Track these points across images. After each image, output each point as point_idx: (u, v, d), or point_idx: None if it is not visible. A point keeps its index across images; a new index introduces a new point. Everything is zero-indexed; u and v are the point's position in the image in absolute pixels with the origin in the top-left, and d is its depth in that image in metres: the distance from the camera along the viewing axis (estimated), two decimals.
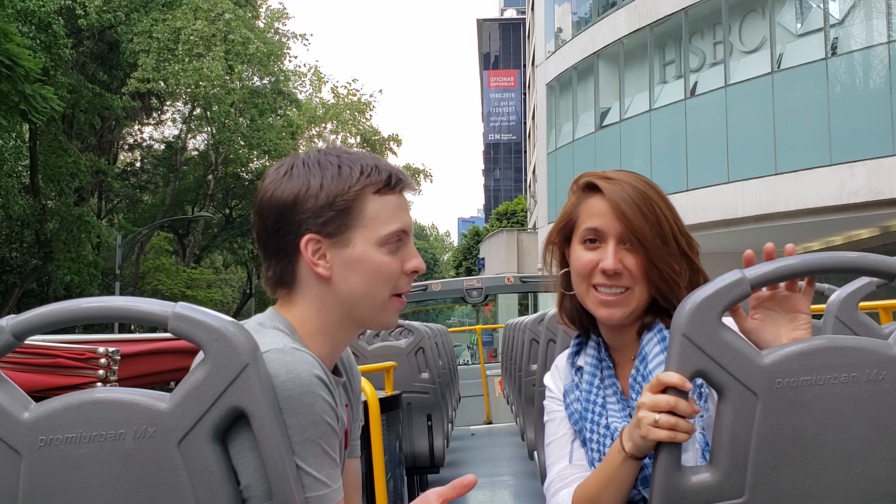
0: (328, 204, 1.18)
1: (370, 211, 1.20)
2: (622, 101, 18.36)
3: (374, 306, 1.23)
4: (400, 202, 1.24)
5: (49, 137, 21.28)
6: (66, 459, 1.02)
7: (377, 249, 1.20)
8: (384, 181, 1.21)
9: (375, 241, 1.20)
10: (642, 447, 1.13)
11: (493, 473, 5.48)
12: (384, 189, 1.21)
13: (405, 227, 1.23)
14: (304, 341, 1.22)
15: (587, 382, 1.40)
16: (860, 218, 13.31)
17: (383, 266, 1.21)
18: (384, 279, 1.21)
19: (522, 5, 53.23)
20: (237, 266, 37.07)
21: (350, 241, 1.19)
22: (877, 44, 13.10)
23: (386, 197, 1.21)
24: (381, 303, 1.23)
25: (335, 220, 1.19)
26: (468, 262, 45.67)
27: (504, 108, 67.09)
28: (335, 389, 1.18)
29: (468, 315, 25.99)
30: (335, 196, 1.18)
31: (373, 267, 1.20)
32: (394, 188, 1.22)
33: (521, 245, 29.79)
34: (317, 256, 1.20)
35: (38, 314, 1.06)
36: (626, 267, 1.33)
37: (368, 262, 1.20)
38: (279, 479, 1.03)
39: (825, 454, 1.06)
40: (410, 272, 1.24)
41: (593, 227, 1.36)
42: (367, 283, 1.21)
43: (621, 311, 1.34)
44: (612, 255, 1.33)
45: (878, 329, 1.90)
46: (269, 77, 27.45)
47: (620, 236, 1.34)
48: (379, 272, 1.21)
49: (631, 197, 1.33)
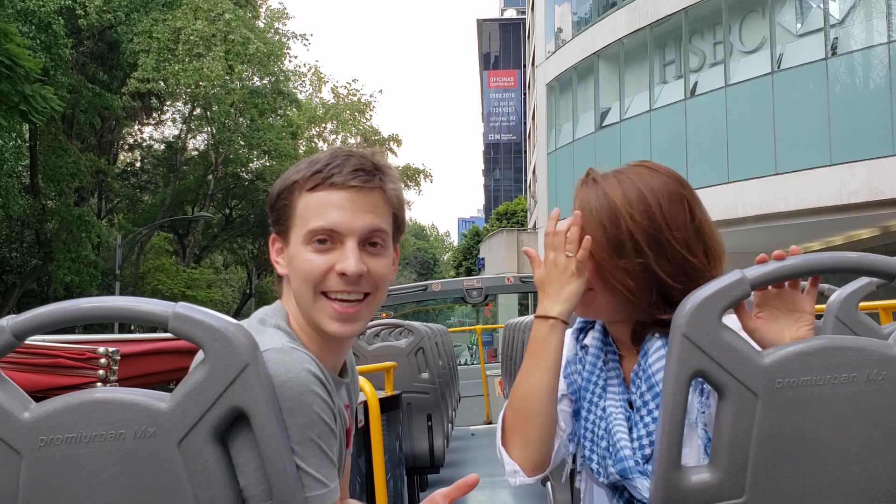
0: (273, 203, 1.23)
1: (299, 208, 1.20)
2: (622, 102, 18.37)
3: (307, 306, 1.21)
4: (332, 199, 1.18)
5: (49, 137, 21.29)
6: (67, 459, 1.02)
7: (304, 247, 1.19)
8: (311, 176, 1.19)
9: (301, 239, 1.19)
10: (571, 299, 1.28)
11: (493, 473, 5.47)
12: (315, 186, 1.19)
13: (327, 224, 1.17)
14: (301, 338, 1.23)
15: (590, 363, 1.41)
16: (860, 218, 13.32)
17: (304, 263, 1.19)
18: (304, 277, 1.19)
19: (522, 5, 53.24)
20: (237, 266, 37.09)
21: (289, 238, 1.22)
22: (877, 44, 13.10)
23: (316, 194, 1.19)
24: (310, 302, 1.20)
25: (280, 220, 1.23)
26: (468, 262, 45.67)
27: (504, 108, 67.09)
28: (332, 388, 1.18)
29: (468, 315, 26.00)
30: (277, 195, 1.22)
31: (297, 265, 1.20)
32: (323, 182, 1.18)
33: (521, 245, 29.77)
34: (279, 255, 1.25)
35: (38, 314, 1.06)
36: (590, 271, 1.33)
37: (295, 259, 1.20)
38: (279, 479, 1.03)
39: (825, 454, 1.06)
40: (339, 273, 1.17)
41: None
42: (296, 282, 1.21)
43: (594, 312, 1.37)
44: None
45: (878, 329, 1.90)
46: (269, 77, 27.46)
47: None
48: (300, 270, 1.19)
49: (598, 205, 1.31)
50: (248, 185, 30.98)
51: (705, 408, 1.23)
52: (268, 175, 28.47)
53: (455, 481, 1.21)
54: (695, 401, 1.25)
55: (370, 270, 1.19)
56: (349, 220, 1.18)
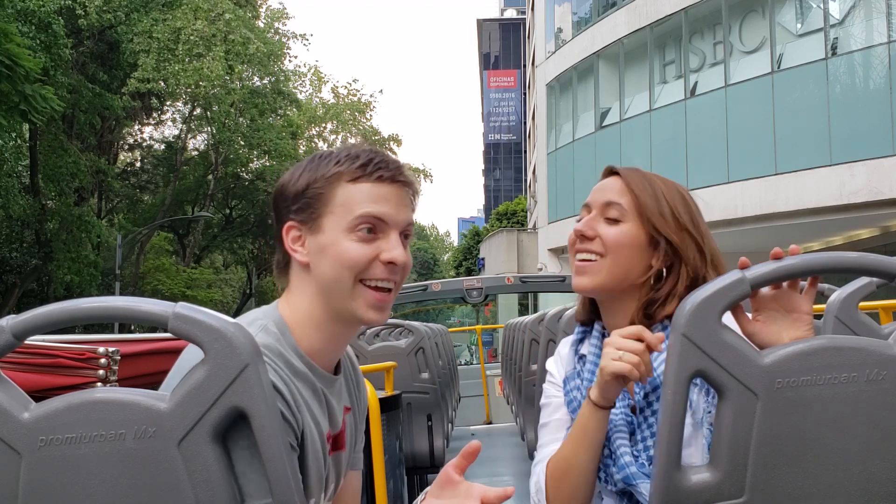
0: (302, 192, 1.23)
1: (340, 197, 1.21)
2: (622, 101, 18.37)
3: (342, 294, 1.21)
4: (377, 190, 1.22)
5: (49, 137, 21.29)
6: (66, 459, 1.02)
7: (345, 235, 1.20)
8: (357, 168, 1.22)
9: (344, 227, 1.21)
10: (605, 389, 1.18)
11: (493, 473, 5.48)
12: (359, 177, 1.22)
13: (376, 213, 1.20)
14: (299, 334, 1.23)
15: (589, 371, 1.41)
16: (860, 218, 13.32)
17: (347, 251, 1.20)
18: (348, 265, 1.20)
19: (522, 5, 53.24)
20: (237, 266, 37.09)
21: (322, 227, 1.22)
22: (877, 44, 13.10)
23: (360, 185, 1.21)
24: (347, 290, 1.21)
25: (308, 208, 1.22)
26: (468, 262, 45.67)
27: (504, 108, 67.07)
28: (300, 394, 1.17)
29: (468, 315, 26.01)
30: (308, 184, 1.23)
31: (337, 252, 1.21)
32: (369, 175, 1.22)
33: (521, 245, 29.79)
34: (297, 244, 1.24)
35: (38, 314, 1.06)
36: (601, 235, 1.37)
37: (334, 247, 1.21)
38: (279, 480, 1.03)
39: (825, 454, 1.06)
40: (386, 262, 1.21)
41: (585, 203, 1.43)
42: (333, 269, 1.21)
43: (589, 280, 1.37)
44: (586, 220, 1.40)
45: (878, 329, 1.90)
46: (269, 77, 27.45)
47: (602, 207, 1.39)
48: (342, 257, 1.20)
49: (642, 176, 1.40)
50: (248, 185, 30.99)
51: (712, 407, 1.22)
52: (268, 175, 28.46)
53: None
54: (701, 401, 1.25)
55: (406, 263, 1.25)
56: (395, 213, 1.22)
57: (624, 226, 1.36)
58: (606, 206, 1.38)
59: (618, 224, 1.37)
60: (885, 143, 12.51)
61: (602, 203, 1.39)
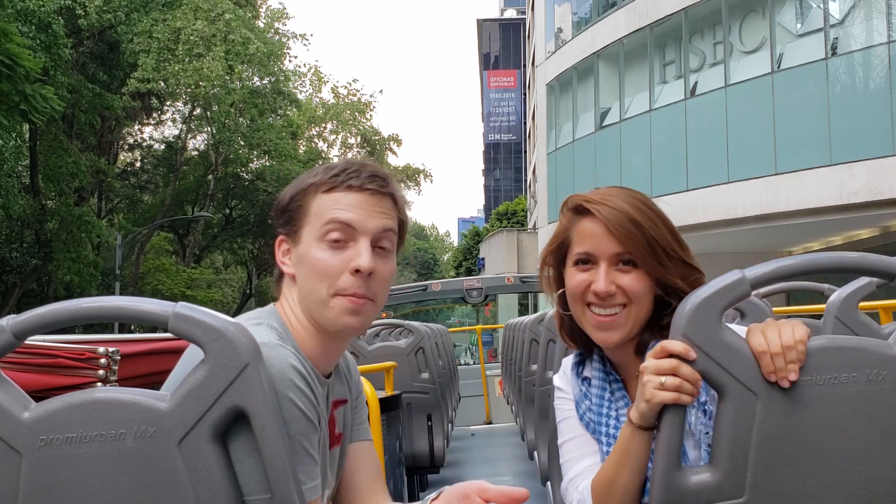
0: (286, 205, 1.27)
1: (314, 207, 1.24)
2: (622, 102, 18.36)
3: (317, 303, 1.22)
4: (348, 199, 1.22)
5: (49, 137, 21.28)
6: (67, 459, 1.02)
7: (317, 245, 1.22)
8: (329, 179, 1.24)
9: (316, 236, 1.22)
10: (648, 414, 1.13)
11: (494, 473, 5.48)
12: (332, 187, 1.24)
13: (343, 218, 1.21)
14: (299, 338, 1.24)
15: (597, 396, 1.40)
16: (860, 218, 13.31)
17: (318, 262, 1.21)
18: (320, 275, 1.21)
19: (522, 5, 53.22)
20: (237, 266, 37.07)
21: (300, 238, 1.24)
22: (877, 44, 13.10)
23: (332, 194, 1.23)
24: (321, 300, 1.22)
25: (291, 220, 1.25)
26: (468, 262, 45.65)
27: (504, 108, 67.04)
28: (317, 386, 1.18)
29: (468, 315, 26.00)
30: (291, 197, 1.26)
31: (310, 262, 1.22)
32: (340, 185, 1.23)
33: (521, 245, 29.79)
34: (285, 256, 1.27)
35: (38, 314, 1.06)
36: (620, 286, 1.33)
37: (308, 257, 1.23)
38: (279, 479, 1.03)
39: (825, 454, 1.06)
40: (353, 270, 1.20)
41: (584, 251, 1.37)
42: (308, 279, 1.23)
43: (618, 334, 1.34)
44: (604, 276, 1.34)
45: (878, 329, 1.90)
46: (269, 77, 27.43)
47: (612, 258, 1.34)
48: (315, 268, 1.22)
49: (624, 216, 1.33)
50: (248, 185, 30.96)
51: (709, 429, 1.21)
52: (268, 175, 28.45)
53: (455, 481, 1.20)
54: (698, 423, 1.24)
55: (377, 271, 1.22)
56: (364, 219, 1.22)
57: (638, 271, 1.33)
58: (617, 256, 1.34)
59: (633, 270, 1.33)
60: (885, 143, 12.50)
61: (611, 254, 1.34)
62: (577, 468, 1.38)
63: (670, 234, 1.36)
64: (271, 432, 1.03)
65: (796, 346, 1.07)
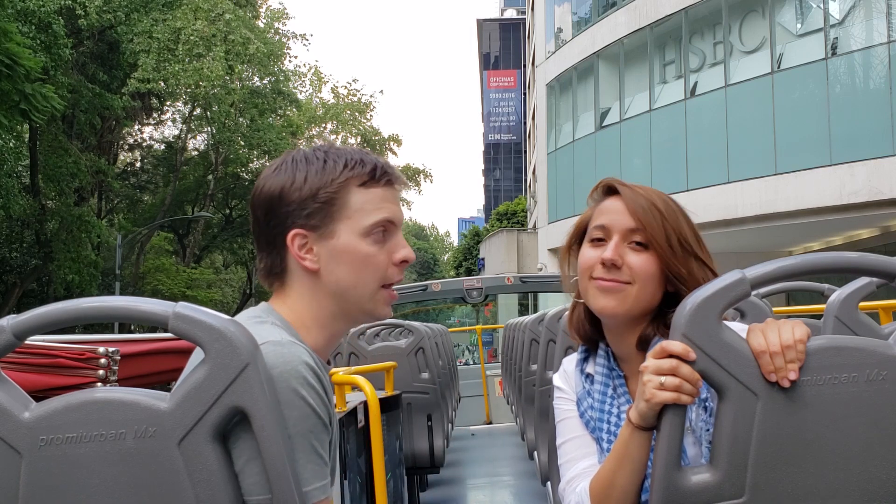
0: (311, 196, 1.21)
1: (354, 202, 1.22)
2: (622, 101, 18.36)
3: (363, 297, 1.24)
4: (385, 194, 1.25)
5: (49, 137, 21.29)
6: (67, 459, 1.02)
7: (362, 240, 1.22)
8: (368, 173, 1.24)
9: (360, 232, 1.22)
10: (647, 414, 1.13)
11: (493, 473, 5.47)
12: (368, 182, 1.23)
13: (391, 217, 1.24)
14: (300, 334, 1.23)
15: (599, 392, 1.40)
16: (860, 218, 13.32)
17: (369, 257, 1.22)
18: (371, 269, 1.23)
19: (522, 5, 53.20)
20: (237, 266, 37.06)
21: (335, 232, 1.21)
22: (877, 44, 13.10)
23: (370, 189, 1.24)
24: (370, 294, 1.24)
25: (319, 213, 1.21)
26: (468, 262, 45.64)
27: (504, 108, 67.03)
28: (329, 383, 1.19)
29: (468, 315, 25.99)
30: (318, 189, 1.21)
31: (358, 258, 1.22)
32: (378, 180, 1.24)
33: (521, 245, 29.78)
34: (304, 251, 1.22)
35: (38, 314, 1.06)
36: (628, 263, 1.33)
37: (353, 252, 1.22)
38: (279, 479, 1.03)
39: (825, 454, 1.06)
40: (399, 262, 1.25)
41: (601, 225, 1.37)
42: (354, 274, 1.22)
43: (617, 300, 1.33)
44: (614, 247, 1.34)
45: (878, 329, 1.90)
46: (269, 77, 27.44)
47: (626, 233, 1.35)
48: (365, 263, 1.22)
49: (647, 200, 1.36)
50: (248, 185, 30.92)
51: (709, 426, 1.21)
52: None
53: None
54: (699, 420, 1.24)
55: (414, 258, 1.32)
56: (401, 214, 1.29)
57: (649, 254, 1.33)
58: (631, 232, 1.34)
59: (644, 252, 1.34)
60: (885, 143, 12.51)
61: (626, 229, 1.34)
62: (575, 469, 1.38)
63: (689, 228, 1.37)
64: (271, 432, 1.03)
65: (796, 345, 1.07)
